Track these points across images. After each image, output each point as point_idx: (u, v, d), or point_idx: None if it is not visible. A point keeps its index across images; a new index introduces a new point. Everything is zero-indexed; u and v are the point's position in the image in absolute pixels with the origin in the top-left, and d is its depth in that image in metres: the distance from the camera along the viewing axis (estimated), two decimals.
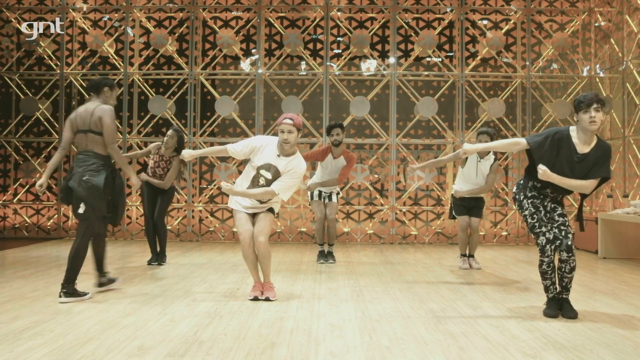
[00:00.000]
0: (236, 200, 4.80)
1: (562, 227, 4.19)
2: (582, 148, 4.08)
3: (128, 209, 9.47)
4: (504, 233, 9.54)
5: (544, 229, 4.17)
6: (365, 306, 4.54)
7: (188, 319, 4.05)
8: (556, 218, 4.23)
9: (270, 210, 4.82)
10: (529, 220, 4.23)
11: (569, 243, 4.13)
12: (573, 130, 4.12)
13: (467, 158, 6.53)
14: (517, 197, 4.35)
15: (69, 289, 4.57)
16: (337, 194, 7.09)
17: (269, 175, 4.66)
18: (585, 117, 4.00)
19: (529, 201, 4.25)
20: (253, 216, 4.81)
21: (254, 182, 4.69)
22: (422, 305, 4.61)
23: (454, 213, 6.78)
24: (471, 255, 6.73)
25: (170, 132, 6.63)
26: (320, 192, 7.00)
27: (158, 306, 4.45)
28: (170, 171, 6.62)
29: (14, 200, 9.73)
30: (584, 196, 4.38)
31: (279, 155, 4.67)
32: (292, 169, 4.67)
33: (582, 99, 4.01)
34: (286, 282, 5.64)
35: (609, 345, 3.52)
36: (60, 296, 4.55)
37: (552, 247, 4.15)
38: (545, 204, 4.27)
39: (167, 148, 6.61)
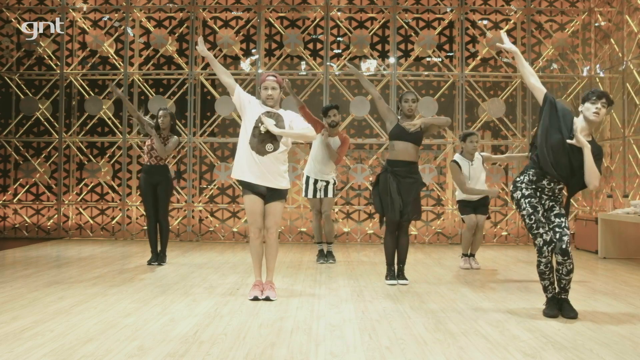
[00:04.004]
0: (241, 170, 4.74)
1: (557, 229, 4.15)
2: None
3: (128, 209, 9.48)
4: (504, 233, 9.54)
5: (541, 230, 4.13)
6: (365, 306, 4.54)
7: (188, 319, 4.05)
8: (552, 219, 4.20)
9: (282, 196, 4.80)
10: (527, 220, 4.20)
11: (564, 246, 4.09)
12: (577, 118, 4.17)
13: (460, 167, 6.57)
14: (514, 195, 4.29)
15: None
16: (334, 184, 7.03)
17: (271, 121, 4.73)
18: (591, 107, 4.07)
19: (527, 200, 4.21)
20: (263, 200, 4.77)
21: (254, 133, 4.72)
22: (422, 305, 4.61)
23: (460, 214, 6.81)
24: (472, 255, 6.73)
25: (161, 112, 6.77)
26: (315, 189, 6.93)
27: (158, 306, 4.45)
28: (169, 144, 6.67)
29: (14, 200, 9.73)
30: (571, 194, 4.30)
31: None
32: (293, 119, 4.89)
33: (595, 90, 4.14)
34: (286, 282, 5.64)
35: (609, 345, 3.52)
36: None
37: (550, 248, 4.13)
38: (543, 202, 4.23)
39: (164, 128, 6.71)
